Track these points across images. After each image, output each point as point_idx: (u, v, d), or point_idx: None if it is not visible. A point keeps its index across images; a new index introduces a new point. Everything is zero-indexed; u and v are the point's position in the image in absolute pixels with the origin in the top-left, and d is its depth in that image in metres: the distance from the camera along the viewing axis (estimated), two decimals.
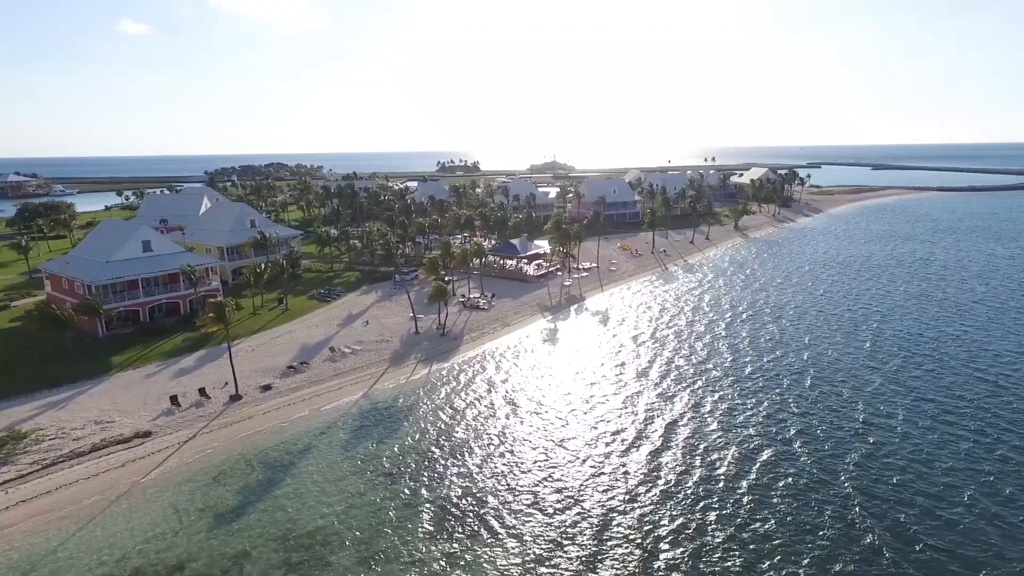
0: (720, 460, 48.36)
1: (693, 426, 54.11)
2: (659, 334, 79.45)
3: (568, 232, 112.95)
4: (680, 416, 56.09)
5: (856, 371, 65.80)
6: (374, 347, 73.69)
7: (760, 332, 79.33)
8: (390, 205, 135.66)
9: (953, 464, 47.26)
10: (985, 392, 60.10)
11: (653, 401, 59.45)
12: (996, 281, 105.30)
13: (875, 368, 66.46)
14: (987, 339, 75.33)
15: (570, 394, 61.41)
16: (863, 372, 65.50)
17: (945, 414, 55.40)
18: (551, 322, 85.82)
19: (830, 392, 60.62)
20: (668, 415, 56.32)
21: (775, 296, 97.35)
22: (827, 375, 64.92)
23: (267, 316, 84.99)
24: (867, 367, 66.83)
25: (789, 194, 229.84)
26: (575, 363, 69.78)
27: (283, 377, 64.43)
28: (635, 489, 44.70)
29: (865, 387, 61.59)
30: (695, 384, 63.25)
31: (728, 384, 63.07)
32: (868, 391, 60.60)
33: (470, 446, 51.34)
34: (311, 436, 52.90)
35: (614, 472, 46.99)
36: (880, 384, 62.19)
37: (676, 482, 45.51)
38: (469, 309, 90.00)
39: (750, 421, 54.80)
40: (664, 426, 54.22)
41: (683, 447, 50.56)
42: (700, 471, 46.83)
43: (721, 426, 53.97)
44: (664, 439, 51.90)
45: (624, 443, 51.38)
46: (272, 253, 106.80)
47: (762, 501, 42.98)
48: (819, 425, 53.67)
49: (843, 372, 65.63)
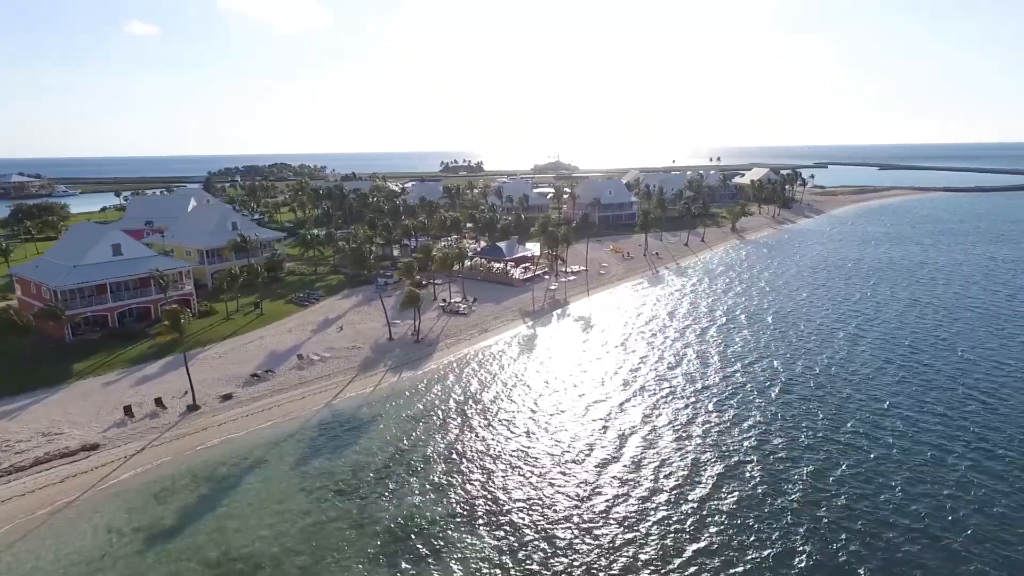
0: (689, 476, 46.10)
1: (663, 438, 51.83)
2: (637, 341, 77.14)
3: (555, 235, 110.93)
4: (651, 428, 53.80)
5: (828, 381, 63.46)
6: (344, 354, 71.77)
7: (736, 340, 76.92)
8: (379, 207, 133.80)
9: (926, 480, 44.85)
10: (967, 404, 57.59)
11: (624, 413, 57.21)
12: (992, 286, 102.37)
13: (847, 379, 64.03)
14: (976, 348, 72.60)
15: (538, 406, 59.23)
16: (835, 383, 63.13)
17: (917, 429, 52.92)
18: (530, 328, 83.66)
19: (796, 403, 58.33)
20: (640, 427, 54.06)
21: (758, 301, 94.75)
22: (797, 386, 62.59)
23: (241, 321, 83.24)
24: (841, 378, 64.41)
25: (791, 195, 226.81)
26: (547, 372, 67.59)
27: (246, 386, 62.60)
28: (605, 510, 42.49)
29: (834, 399, 59.26)
30: (666, 395, 60.93)
31: (700, 394, 60.75)
32: (836, 403, 58.27)
33: (429, 462, 49.26)
34: (264, 449, 50.98)
35: (582, 491, 44.80)
36: (849, 396, 59.84)
37: (650, 499, 43.31)
38: (449, 314, 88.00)
39: (720, 434, 52.51)
40: (635, 439, 51.96)
41: (653, 461, 48.29)
42: (671, 486, 44.60)
43: (691, 439, 51.69)
44: (635, 453, 49.66)
45: (593, 459, 49.17)
46: (253, 256, 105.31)
47: (735, 516, 40.75)
48: (781, 438, 51.32)
49: (814, 382, 63.32)
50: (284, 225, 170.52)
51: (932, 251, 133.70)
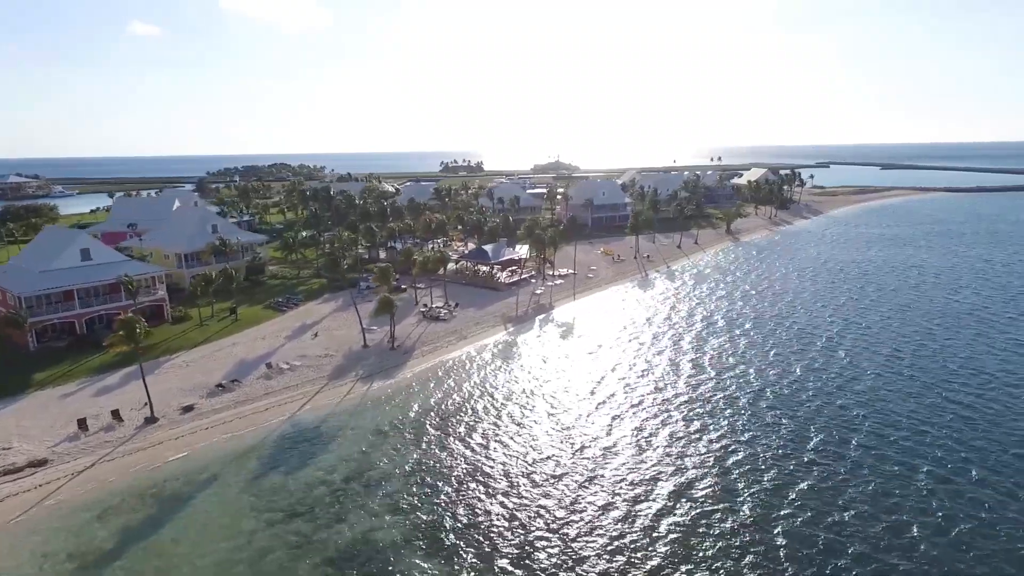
0: (648, 492, 44.05)
1: (628, 452, 49.81)
2: (615, 349, 74.95)
3: (541, 238, 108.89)
4: (619, 442, 51.77)
5: (801, 391, 61.41)
6: (315, 363, 69.83)
7: (712, 347, 74.76)
8: (366, 209, 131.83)
9: (901, 503, 42.71)
10: (944, 415, 55.51)
11: (595, 426, 55.17)
12: (985, 290, 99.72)
13: (820, 388, 61.88)
14: (960, 356, 70.25)
15: (508, 419, 57.19)
16: (807, 392, 61.06)
17: (888, 442, 50.75)
18: (511, 335, 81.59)
19: (764, 415, 56.31)
20: (609, 441, 52.02)
21: (742, 306, 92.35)
22: (768, 396, 60.51)
23: (215, 327, 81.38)
24: (815, 387, 62.27)
25: (789, 195, 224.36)
26: (520, 383, 65.50)
27: (209, 396, 60.70)
28: (577, 535, 40.47)
29: (804, 410, 57.15)
30: (637, 406, 58.79)
31: (668, 405, 58.65)
32: (806, 415, 56.17)
33: (389, 479, 47.22)
34: (219, 465, 49.05)
35: (552, 513, 42.79)
36: (820, 407, 57.70)
37: (626, 522, 41.28)
38: (429, 320, 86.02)
39: (684, 448, 50.49)
40: (605, 455, 49.95)
41: (620, 477, 46.27)
42: (638, 506, 42.58)
43: (654, 452, 49.67)
44: (605, 471, 47.64)
45: (563, 476, 47.15)
46: (234, 260, 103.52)
47: (690, 534, 38.73)
48: (744, 453, 49.26)
49: (787, 392, 61.34)
50: (275, 227, 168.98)
51: (928, 253, 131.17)
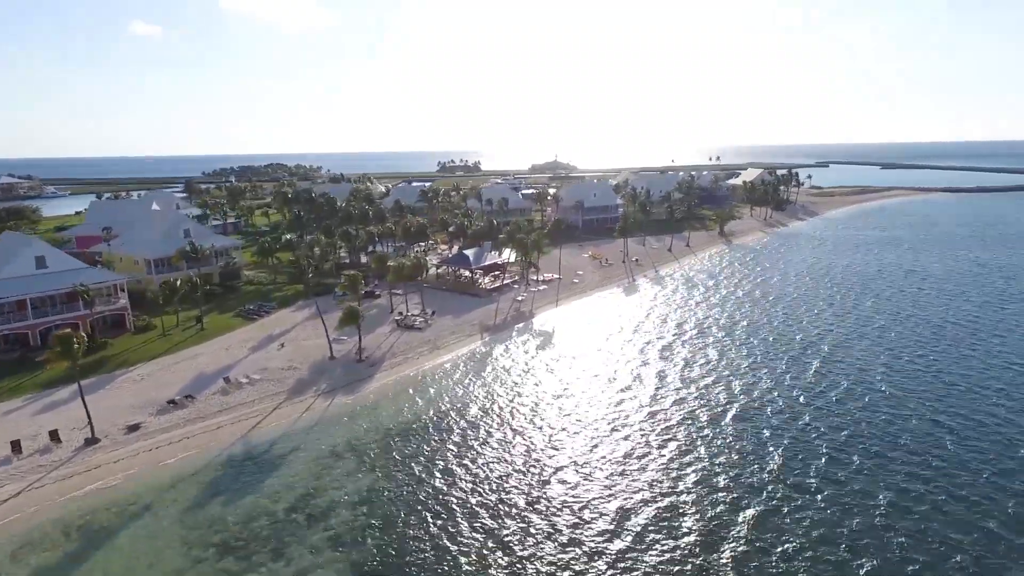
0: (616, 524, 40.76)
1: (594, 477, 46.51)
2: (590, 361, 71.32)
3: (524, 242, 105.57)
4: (598, 465, 48.48)
5: (786, 408, 58.11)
6: (277, 376, 66.59)
7: (693, 360, 71.11)
8: (348, 212, 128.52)
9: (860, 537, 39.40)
10: (936, 435, 52.17)
11: (571, 446, 51.87)
12: (982, 297, 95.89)
13: (806, 405, 58.45)
14: (955, 370, 66.76)
15: (473, 440, 53.90)
16: (793, 410, 57.73)
17: (875, 465, 47.42)
18: (486, 345, 78.21)
19: (746, 435, 52.96)
20: (587, 464, 48.73)
21: (731, 313, 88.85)
22: (750, 414, 57.20)
23: (178, 337, 78.22)
24: (800, 404, 58.88)
25: (786, 196, 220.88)
26: (491, 397, 62.15)
27: (159, 414, 57.48)
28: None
29: (788, 430, 53.82)
30: (618, 422, 55.51)
31: (641, 423, 55.31)
32: (791, 435, 52.82)
33: (335, 509, 43.83)
34: (156, 492, 45.78)
35: (513, 548, 39.55)
36: (805, 426, 54.39)
37: (601, 556, 38.02)
38: (403, 329, 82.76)
39: (656, 472, 47.17)
40: (580, 482, 46.66)
41: (603, 508, 42.99)
42: (622, 541, 39.31)
43: (625, 475, 46.34)
44: (579, 499, 44.36)
45: (532, 508, 43.90)
46: (206, 265, 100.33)
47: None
48: (724, 477, 45.93)
49: (771, 409, 57.99)
50: (260, 229, 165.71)
51: (925, 256, 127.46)
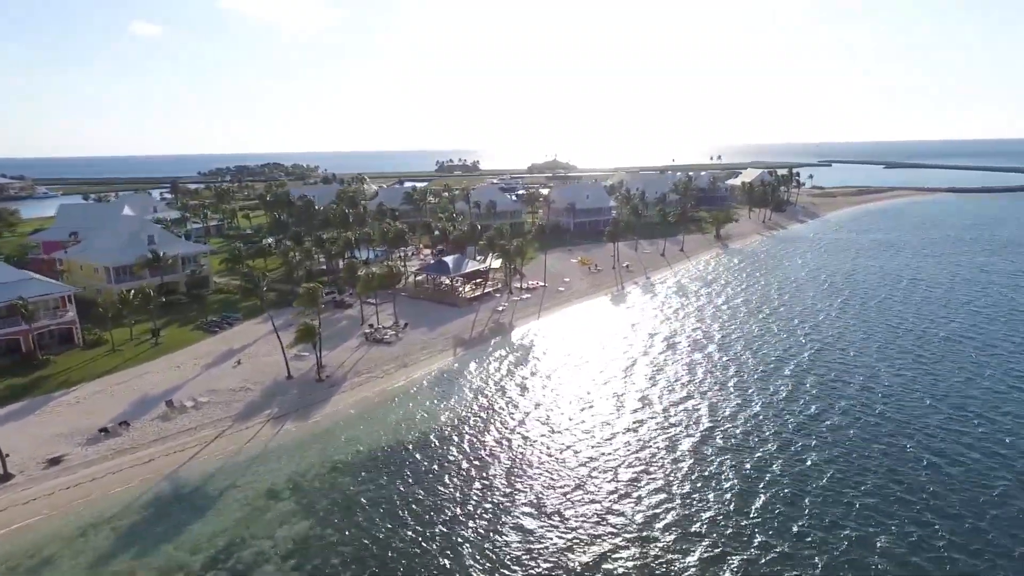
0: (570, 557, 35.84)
1: (585, 522, 41.52)
2: (570, 382, 66.40)
3: (506, 248, 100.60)
4: (568, 510, 43.48)
5: (754, 431, 54.20)
6: (227, 398, 61.62)
7: (681, 377, 66.94)
8: (327, 216, 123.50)
9: None
10: (915, 467, 47.52)
11: (540, 485, 46.87)
12: (985, 308, 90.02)
13: (778, 431, 53.60)
14: (941, 389, 62.05)
15: (430, 477, 48.91)
16: (762, 434, 53.67)
17: (846, 501, 42.33)
18: (457, 362, 73.09)
19: (709, 462, 48.77)
20: (556, 511, 43.71)
21: (723, 327, 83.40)
22: (718, 438, 53.11)
23: (129, 353, 73.28)
24: (771, 429, 54.47)
25: (786, 196, 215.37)
26: (455, 424, 57.12)
27: (88, 444, 52.53)
28: None
29: (754, 458, 49.53)
30: (593, 450, 50.52)
31: (621, 453, 50.33)
32: (756, 463, 48.42)
33: (261, 566, 38.80)
34: (62, 542, 40.79)
35: None
36: (773, 453, 49.87)
37: None
38: (371, 343, 77.74)
39: (613, 504, 42.18)
40: (531, 526, 41.67)
41: (571, 560, 37.99)
42: None
43: (585, 505, 41.35)
44: (545, 552, 39.36)
45: (480, 566, 38.92)
46: (172, 273, 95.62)
47: None
48: (683, 509, 40.94)
49: (740, 432, 54.21)
50: (243, 232, 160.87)
51: (928, 263, 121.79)
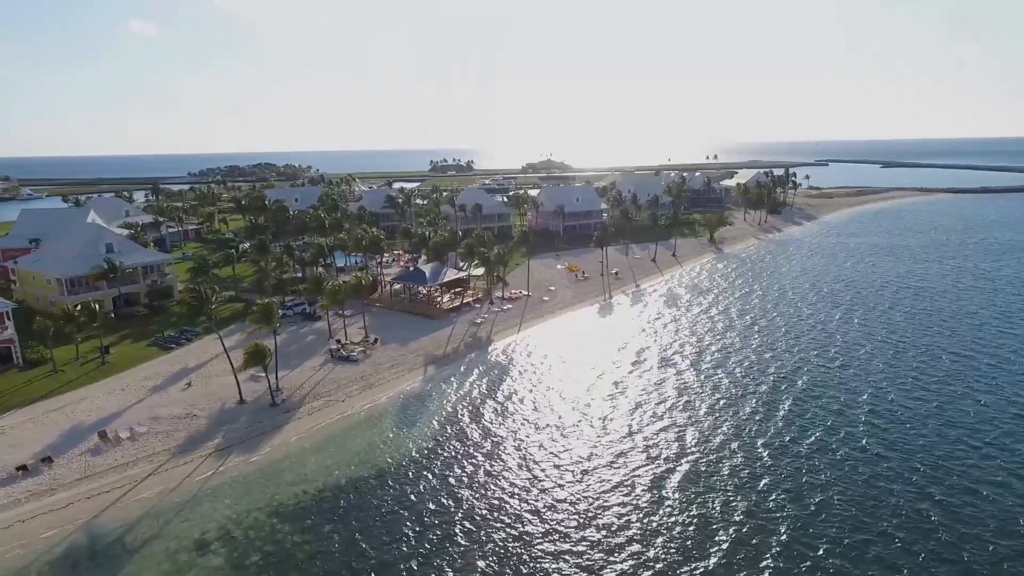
0: None
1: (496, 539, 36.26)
2: (545, 407, 61.00)
3: (486, 256, 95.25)
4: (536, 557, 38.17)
5: (720, 460, 49.26)
6: (169, 426, 56.17)
7: (666, 399, 61.86)
8: (303, 221, 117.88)
9: None
10: (891, 503, 42.50)
11: (485, 535, 41.52)
12: (990, 320, 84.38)
13: (747, 461, 48.32)
14: (923, 415, 56.90)
15: (381, 520, 43.54)
16: (732, 462, 48.91)
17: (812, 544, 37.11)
18: (426, 382, 67.54)
19: (669, 496, 43.24)
20: (525, 554, 38.40)
21: (711, 343, 77.90)
22: (681, 466, 48.12)
23: (71, 374, 67.72)
24: (740, 458, 49.64)
25: (782, 198, 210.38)
26: (413, 459, 51.69)
27: (1, 486, 47.05)
28: None
29: (721, 491, 44.26)
30: (552, 499, 45.23)
31: (590, 494, 45.05)
32: (722, 496, 43.03)
33: None
34: None
35: None
36: (742, 484, 44.63)
37: None
38: (337, 361, 72.34)
39: (554, 548, 36.96)
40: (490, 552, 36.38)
41: None
42: None
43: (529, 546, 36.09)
44: None
45: None
46: (130, 283, 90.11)
47: None
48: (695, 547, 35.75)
49: (706, 461, 49.54)
50: (222, 236, 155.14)
51: (926, 270, 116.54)
